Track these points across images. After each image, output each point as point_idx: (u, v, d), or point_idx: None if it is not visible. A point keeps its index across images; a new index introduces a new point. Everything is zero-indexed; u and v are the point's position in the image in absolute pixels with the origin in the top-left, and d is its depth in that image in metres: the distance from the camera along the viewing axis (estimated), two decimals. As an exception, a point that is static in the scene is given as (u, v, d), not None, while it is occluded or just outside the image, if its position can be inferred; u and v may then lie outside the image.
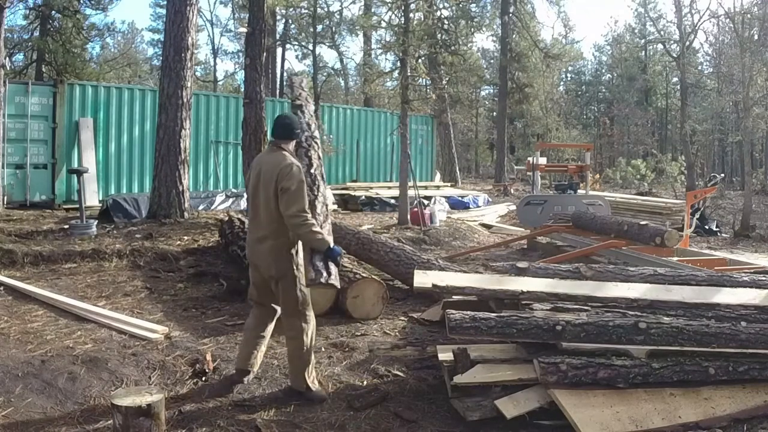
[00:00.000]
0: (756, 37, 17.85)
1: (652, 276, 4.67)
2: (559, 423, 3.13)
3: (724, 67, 27.59)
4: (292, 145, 3.69)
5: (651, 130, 37.75)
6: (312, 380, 3.61)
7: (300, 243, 3.57)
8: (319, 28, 18.49)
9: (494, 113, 35.75)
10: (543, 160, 16.80)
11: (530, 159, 15.13)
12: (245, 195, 9.30)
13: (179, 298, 5.69)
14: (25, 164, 11.08)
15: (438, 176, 20.06)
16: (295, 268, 3.56)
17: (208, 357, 4.01)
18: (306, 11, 17.46)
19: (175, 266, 6.91)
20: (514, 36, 25.73)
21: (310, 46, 18.26)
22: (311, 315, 3.66)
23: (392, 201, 12.97)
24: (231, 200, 11.82)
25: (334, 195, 13.42)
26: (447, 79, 19.91)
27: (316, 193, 3.78)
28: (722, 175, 18.40)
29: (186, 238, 8.05)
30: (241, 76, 34.90)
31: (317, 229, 3.42)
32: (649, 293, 4.23)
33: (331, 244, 3.46)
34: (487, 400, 3.32)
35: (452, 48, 16.93)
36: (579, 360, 3.29)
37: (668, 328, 3.43)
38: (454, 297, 5.01)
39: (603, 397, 3.18)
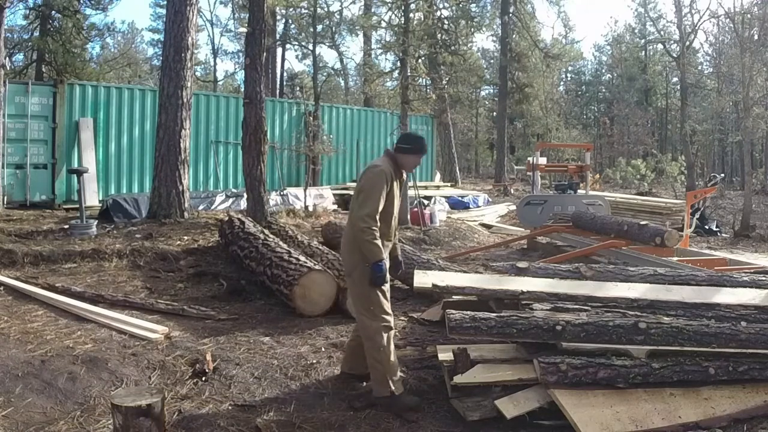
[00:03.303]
0: (756, 37, 17.85)
1: (652, 276, 4.67)
2: (559, 423, 3.13)
3: (724, 67, 27.59)
4: (403, 157, 3.67)
5: (651, 130, 37.73)
6: (398, 385, 3.51)
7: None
8: (319, 28, 18.48)
9: (494, 113, 35.76)
10: (543, 160, 16.78)
11: (530, 159, 15.12)
12: (245, 194, 9.31)
13: (179, 298, 5.69)
14: (25, 164, 11.08)
15: (438, 176, 20.06)
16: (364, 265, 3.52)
17: (208, 357, 4.01)
18: (306, 11, 17.45)
19: (175, 266, 6.91)
20: (514, 36, 25.75)
21: (310, 46, 18.25)
22: (386, 316, 3.55)
23: (392, 201, 12.93)
24: (231, 200, 11.82)
25: (334, 195, 13.42)
26: (447, 79, 19.90)
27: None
28: (722, 175, 18.40)
29: (186, 238, 8.05)
30: (241, 76, 34.98)
31: (377, 241, 3.43)
32: (649, 293, 4.23)
33: (381, 259, 3.45)
34: (487, 400, 3.32)
35: (452, 48, 16.95)
36: (579, 360, 3.29)
37: (668, 328, 3.43)
38: (454, 297, 5.01)
39: (603, 397, 3.18)
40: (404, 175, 3.81)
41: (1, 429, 3.06)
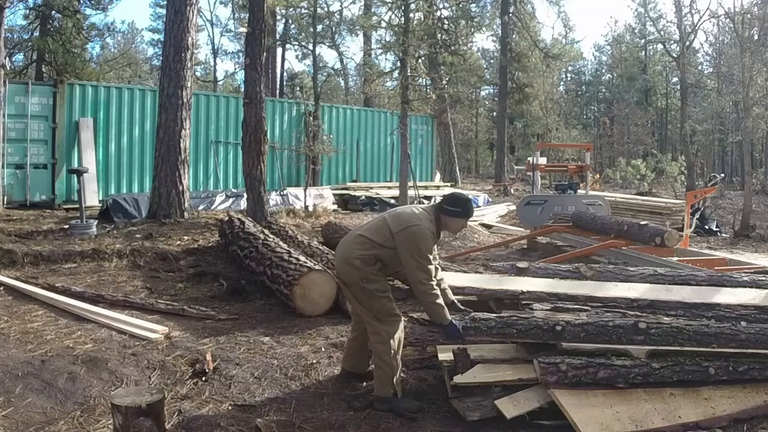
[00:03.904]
0: (756, 37, 17.86)
1: (652, 276, 4.67)
2: (559, 423, 3.13)
3: (724, 67, 27.63)
4: (451, 220, 3.59)
5: (651, 130, 37.74)
6: (397, 387, 3.51)
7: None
8: (319, 28, 18.48)
9: (494, 113, 35.77)
10: (543, 160, 16.80)
11: (530, 159, 15.12)
12: (245, 194, 9.32)
13: (179, 298, 5.69)
14: (25, 164, 11.08)
15: (438, 176, 20.07)
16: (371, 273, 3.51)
17: (208, 357, 4.01)
18: (306, 11, 17.45)
19: (175, 266, 6.91)
20: (514, 36, 25.75)
21: (310, 46, 18.24)
22: (393, 318, 3.53)
23: (392, 201, 12.96)
24: (231, 200, 11.82)
25: (334, 195, 13.43)
26: (447, 79, 19.92)
27: None
28: (722, 175, 18.40)
29: (186, 238, 8.05)
30: (241, 76, 34.99)
31: (439, 301, 3.47)
32: (649, 293, 4.24)
33: (449, 321, 3.49)
34: (487, 400, 3.32)
35: (452, 48, 16.96)
36: (579, 360, 3.29)
37: (668, 328, 3.43)
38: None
39: (603, 397, 3.18)
40: (440, 236, 3.72)
41: (1, 429, 3.06)
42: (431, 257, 3.43)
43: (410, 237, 3.39)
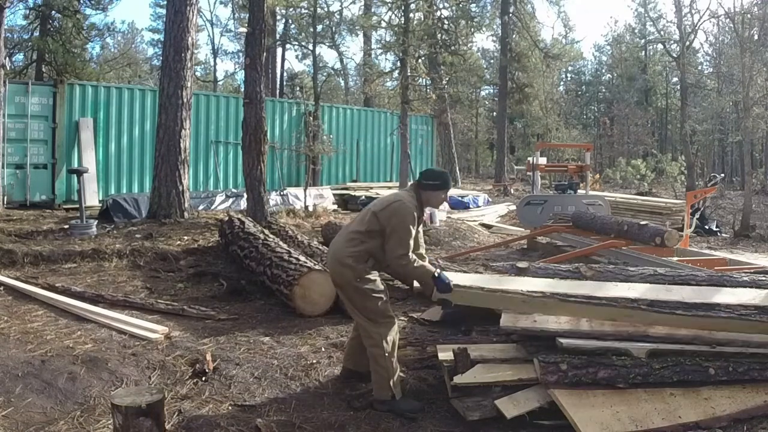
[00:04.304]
0: (756, 37, 17.87)
1: (652, 276, 4.67)
2: (559, 423, 3.13)
3: (724, 67, 27.63)
4: (430, 194, 3.61)
5: (651, 130, 37.75)
6: (398, 390, 3.50)
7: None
8: (319, 28, 18.49)
9: (494, 113, 35.78)
10: (543, 160, 16.80)
11: (530, 159, 15.12)
12: (245, 194, 9.32)
13: (179, 298, 5.69)
14: (25, 164, 11.09)
15: (438, 176, 20.01)
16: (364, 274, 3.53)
17: (208, 357, 4.01)
18: (306, 11, 17.46)
19: (175, 266, 6.91)
20: (514, 36, 25.75)
21: (310, 46, 18.25)
22: (387, 320, 3.53)
23: (392, 201, 12.95)
24: (231, 200, 11.83)
25: (334, 195, 13.43)
26: (447, 79, 19.93)
27: None
28: (722, 175, 18.40)
29: (186, 238, 8.05)
30: (241, 76, 34.99)
31: (418, 264, 3.48)
32: (649, 293, 4.23)
33: (434, 274, 3.49)
34: (487, 400, 3.32)
35: (452, 48, 16.97)
36: (579, 359, 3.29)
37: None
38: (454, 297, 5.00)
39: (603, 397, 3.18)
40: (423, 213, 3.74)
41: (1, 429, 3.06)
42: (412, 232, 3.44)
43: (393, 212, 3.44)
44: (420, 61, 13.91)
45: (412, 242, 3.44)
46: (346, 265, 3.49)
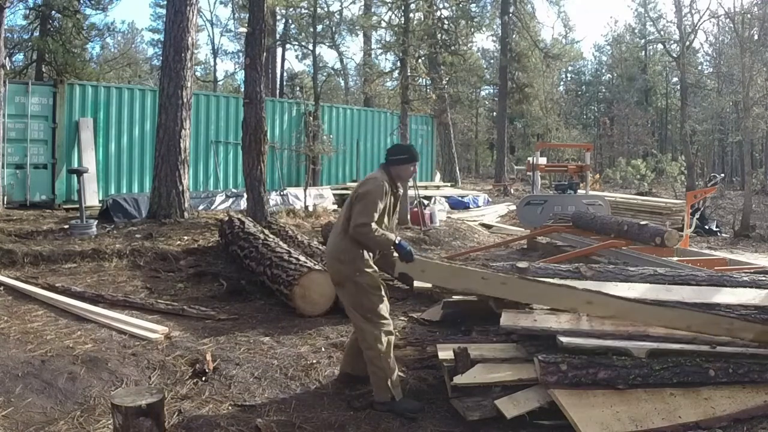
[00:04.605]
0: (756, 37, 17.85)
1: (652, 276, 4.67)
2: (559, 423, 3.13)
3: (724, 67, 27.63)
4: (399, 168, 3.66)
5: (651, 130, 37.76)
6: (397, 391, 3.50)
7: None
8: (319, 28, 18.47)
9: (494, 113, 35.77)
10: (543, 160, 16.80)
11: (530, 159, 15.12)
12: (245, 194, 9.32)
13: (179, 298, 5.69)
14: (25, 164, 11.08)
15: (438, 176, 20.06)
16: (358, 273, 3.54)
17: (208, 357, 4.01)
18: (306, 11, 17.45)
19: (175, 266, 6.91)
20: (514, 36, 25.75)
21: (310, 46, 18.23)
22: (384, 321, 3.54)
23: (392, 201, 12.95)
24: (231, 200, 11.82)
25: (334, 195, 13.42)
26: (447, 79, 19.91)
27: None
28: (722, 175, 18.40)
29: (186, 238, 8.05)
30: (241, 76, 34.98)
31: (379, 233, 3.48)
32: (649, 293, 4.23)
33: (394, 241, 3.52)
34: (487, 400, 3.32)
35: (452, 48, 16.96)
36: (579, 359, 3.29)
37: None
38: (454, 297, 5.01)
39: (603, 397, 3.18)
40: (400, 189, 3.78)
41: (1, 429, 3.06)
42: (378, 205, 3.47)
43: (363, 184, 3.60)
44: (420, 61, 13.90)
45: (377, 215, 3.46)
46: (344, 261, 3.52)
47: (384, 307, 3.56)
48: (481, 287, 3.70)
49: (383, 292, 3.58)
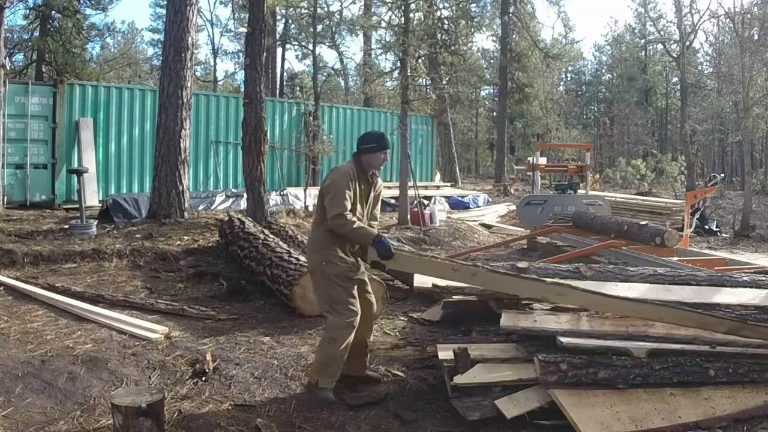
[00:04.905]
0: (756, 37, 17.85)
1: (652, 276, 4.67)
2: (559, 423, 3.13)
3: (724, 67, 27.64)
4: (369, 157, 3.66)
5: (651, 130, 37.76)
6: (326, 380, 3.54)
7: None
8: (319, 28, 18.48)
9: (494, 113, 35.77)
10: (543, 160, 16.80)
11: (530, 159, 15.13)
12: (245, 194, 9.32)
13: (179, 298, 5.69)
14: (25, 164, 11.08)
15: (438, 176, 20.06)
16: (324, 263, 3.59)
17: (208, 357, 4.01)
18: (306, 11, 17.45)
19: (175, 266, 6.91)
20: (514, 36, 25.75)
21: (310, 46, 18.23)
22: (349, 313, 3.56)
23: (392, 201, 12.98)
24: (231, 200, 11.82)
25: (334, 195, 13.39)
26: (447, 79, 19.91)
27: None
28: (722, 175, 18.41)
29: (186, 238, 8.05)
30: (241, 76, 34.98)
31: (357, 224, 3.49)
32: (649, 293, 4.23)
33: (375, 237, 3.49)
34: (487, 400, 3.32)
35: (452, 48, 16.95)
36: (579, 359, 3.29)
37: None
38: (454, 297, 5.01)
39: (603, 396, 3.18)
40: (376, 179, 3.77)
41: (1, 429, 3.06)
42: (346, 192, 3.48)
43: (328, 176, 3.65)
44: (420, 61, 13.90)
45: (348, 203, 3.47)
46: (316, 250, 3.63)
47: (351, 300, 3.58)
48: (450, 276, 3.73)
49: (350, 286, 3.59)
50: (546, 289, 3.52)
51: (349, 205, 3.47)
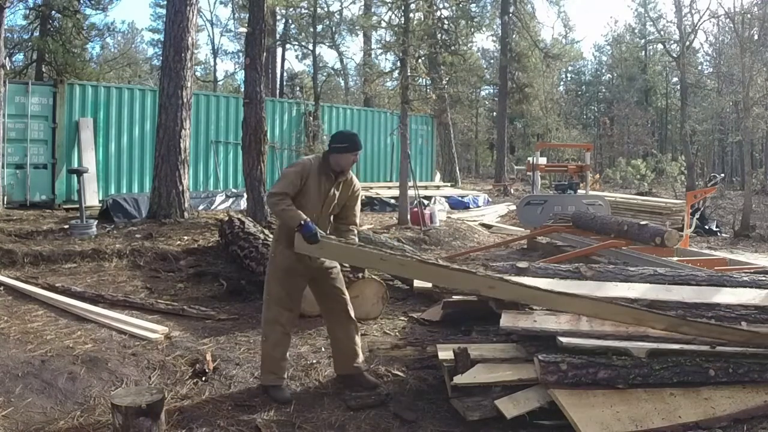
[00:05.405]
0: (756, 37, 17.85)
1: (652, 276, 4.67)
2: (559, 423, 3.13)
3: (724, 67, 27.63)
4: (337, 157, 3.61)
5: (651, 130, 37.77)
6: (267, 377, 3.62)
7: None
8: (319, 28, 18.51)
9: (494, 113, 35.77)
10: (543, 160, 16.80)
11: (530, 159, 15.13)
12: (245, 195, 9.32)
13: (179, 298, 5.70)
14: (25, 164, 11.08)
15: (438, 176, 20.06)
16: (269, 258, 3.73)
17: (208, 357, 4.01)
18: (306, 11, 17.47)
19: (175, 266, 6.91)
20: (514, 36, 25.74)
21: (310, 46, 18.28)
22: (279, 309, 3.62)
23: (392, 201, 12.99)
24: (231, 200, 11.82)
25: (334, 195, 13.40)
26: (447, 79, 19.90)
27: None
28: (722, 175, 18.41)
29: (186, 238, 8.05)
30: (241, 76, 34.96)
31: (289, 206, 3.48)
32: (649, 293, 4.23)
33: (301, 221, 3.41)
34: (487, 400, 3.31)
35: (452, 48, 16.97)
36: (579, 359, 3.29)
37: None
38: (454, 297, 5.01)
39: (603, 396, 3.18)
40: (349, 179, 3.72)
41: (1, 429, 3.06)
42: (293, 178, 3.51)
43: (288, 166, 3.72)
44: (420, 61, 13.90)
45: (289, 187, 3.50)
46: (271, 243, 3.78)
47: (281, 297, 3.61)
48: (379, 266, 3.75)
49: (281, 286, 3.61)
50: (477, 282, 3.50)
51: (289, 189, 3.49)
